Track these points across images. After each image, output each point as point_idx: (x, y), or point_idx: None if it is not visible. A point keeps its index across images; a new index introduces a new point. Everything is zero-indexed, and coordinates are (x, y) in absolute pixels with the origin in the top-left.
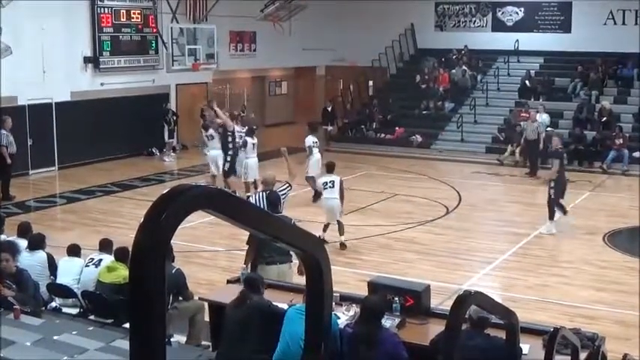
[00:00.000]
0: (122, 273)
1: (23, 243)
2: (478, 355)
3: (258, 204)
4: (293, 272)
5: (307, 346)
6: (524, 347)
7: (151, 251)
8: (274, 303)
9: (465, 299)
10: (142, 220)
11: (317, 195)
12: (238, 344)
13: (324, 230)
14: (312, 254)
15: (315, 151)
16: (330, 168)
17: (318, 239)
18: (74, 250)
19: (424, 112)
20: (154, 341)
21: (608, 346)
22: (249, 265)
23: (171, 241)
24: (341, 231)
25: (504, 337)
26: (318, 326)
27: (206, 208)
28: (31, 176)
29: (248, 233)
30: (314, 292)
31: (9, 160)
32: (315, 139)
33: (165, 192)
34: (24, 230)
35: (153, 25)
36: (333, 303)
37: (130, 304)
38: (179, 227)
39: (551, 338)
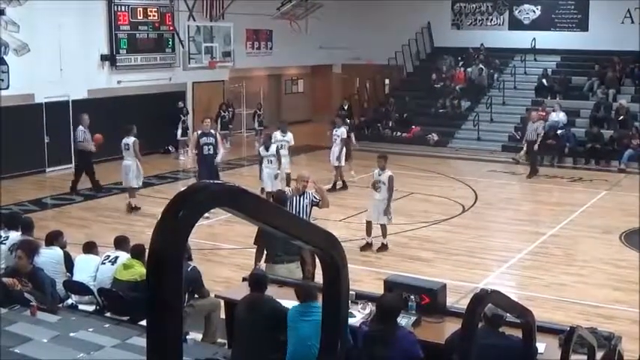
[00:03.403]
0: (138, 270)
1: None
2: (494, 354)
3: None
4: (301, 270)
5: (323, 345)
6: (540, 346)
7: (168, 249)
8: (285, 300)
9: (481, 298)
10: (160, 217)
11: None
12: (252, 345)
13: (385, 235)
14: (329, 252)
15: None
16: None
17: (335, 237)
18: (90, 248)
19: (440, 110)
20: (170, 339)
21: (625, 345)
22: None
23: (188, 239)
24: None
25: (520, 336)
26: (335, 325)
27: (223, 205)
28: (47, 174)
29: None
30: (331, 290)
31: (93, 148)
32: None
33: (182, 190)
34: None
35: (169, 23)
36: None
37: (147, 302)
38: (195, 224)
39: (568, 338)
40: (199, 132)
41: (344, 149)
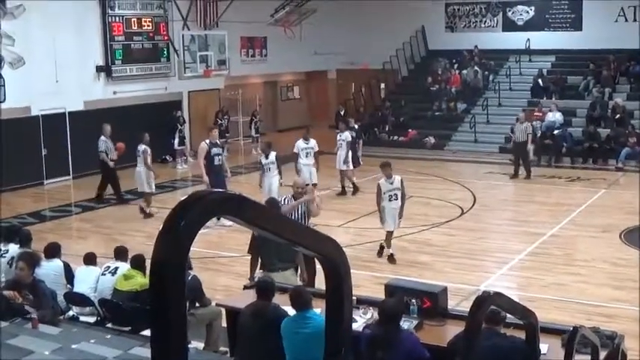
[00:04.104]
0: (138, 281)
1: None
2: (497, 356)
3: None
4: (297, 278)
5: (327, 350)
6: (543, 347)
7: (171, 258)
8: (288, 307)
9: (484, 300)
10: (162, 227)
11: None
12: (256, 353)
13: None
14: (331, 259)
15: None
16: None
17: (338, 244)
18: (90, 259)
19: (437, 113)
20: (174, 348)
21: (626, 344)
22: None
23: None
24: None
25: (523, 337)
26: (339, 332)
27: (225, 213)
28: (45, 186)
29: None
30: (334, 297)
31: (111, 164)
32: None
33: (183, 198)
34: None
35: (164, 33)
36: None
37: (150, 312)
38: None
39: (571, 338)
40: (208, 142)
41: (349, 153)
